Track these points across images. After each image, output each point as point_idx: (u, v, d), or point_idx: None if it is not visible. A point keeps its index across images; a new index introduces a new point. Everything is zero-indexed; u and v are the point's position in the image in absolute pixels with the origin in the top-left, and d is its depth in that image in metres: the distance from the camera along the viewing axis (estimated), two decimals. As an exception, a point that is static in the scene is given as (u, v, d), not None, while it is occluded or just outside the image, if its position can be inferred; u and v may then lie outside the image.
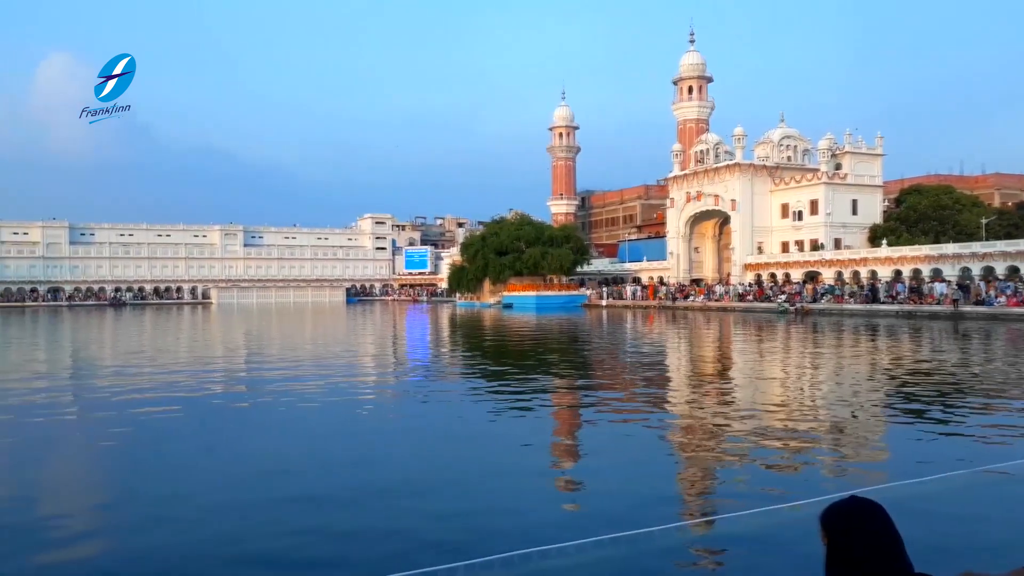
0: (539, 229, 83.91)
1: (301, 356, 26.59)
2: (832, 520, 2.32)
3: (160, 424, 12.95)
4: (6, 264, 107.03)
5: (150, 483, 9.07)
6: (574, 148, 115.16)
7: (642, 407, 14.42)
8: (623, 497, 8.23)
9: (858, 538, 2.25)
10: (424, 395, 16.65)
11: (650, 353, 26.62)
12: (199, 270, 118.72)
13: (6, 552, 6.67)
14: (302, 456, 10.34)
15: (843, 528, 2.28)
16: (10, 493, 8.71)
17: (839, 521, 2.30)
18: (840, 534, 2.28)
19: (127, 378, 19.83)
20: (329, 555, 6.62)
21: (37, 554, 6.66)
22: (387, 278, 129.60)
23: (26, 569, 6.33)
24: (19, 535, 7.14)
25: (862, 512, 2.31)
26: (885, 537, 2.26)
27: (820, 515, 2.36)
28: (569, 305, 70.22)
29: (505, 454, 10.44)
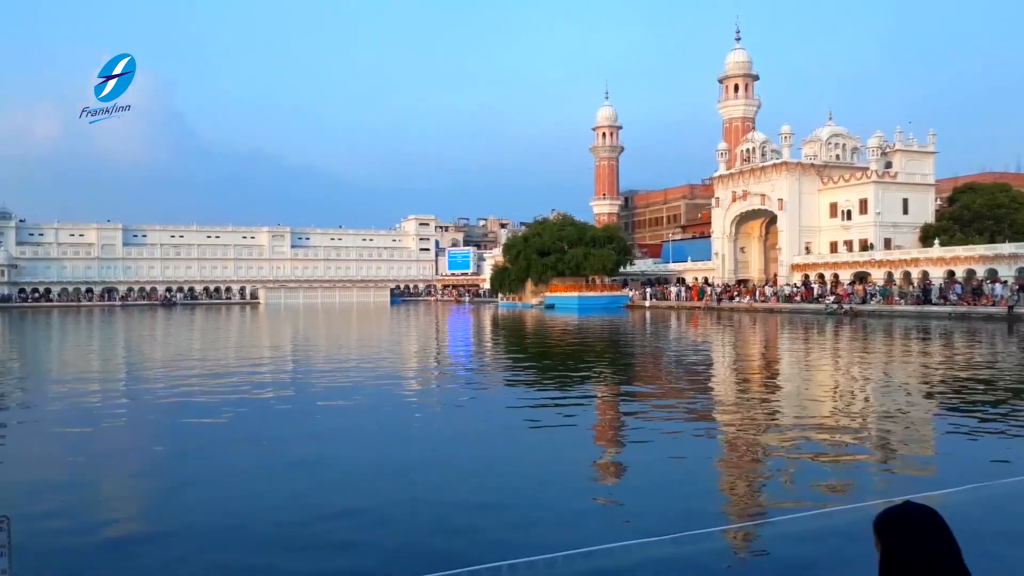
0: (582, 229, 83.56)
1: (347, 356, 26.86)
2: (887, 526, 2.27)
3: (209, 425, 13.16)
4: (63, 265, 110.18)
5: (200, 480, 9.25)
6: (617, 148, 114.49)
7: (688, 409, 14.28)
8: (669, 498, 8.16)
9: (913, 545, 2.19)
10: (467, 396, 16.69)
11: (695, 354, 26.36)
12: (247, 271, 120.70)
13: (65, 542, 6.85)
14: (348, 455, 10.44)
15: (898, 534, 2.23)
16: (65, 486, 8.95)
17: (894, 527, 2.25)
18: (895, 540, 2.22)
19: (179, 377, 20.22)
20: (368, 552, 6.68)
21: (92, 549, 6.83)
22: (430, 279, 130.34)
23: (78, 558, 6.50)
24: (76, 530, 7.32)
25: (918, 518, 2.25)
26: (941, 544, 2.20)
27: (874, 521, 2.31)
28: (612, 306, 69.82)
29: (548, 455, 10.42)
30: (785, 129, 70.85)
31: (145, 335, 41.40)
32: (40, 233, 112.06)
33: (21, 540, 4.66)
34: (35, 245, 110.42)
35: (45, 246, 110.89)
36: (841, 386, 17.86)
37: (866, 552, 2.38)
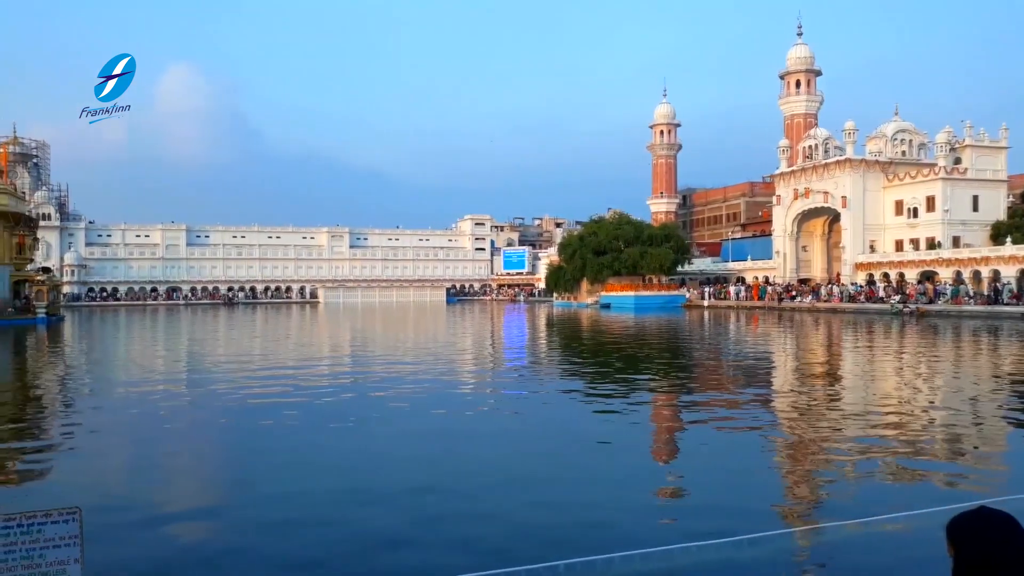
0: (638, 228, 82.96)
1: (404, 353, 27.11)
2: (960, 531, 2.19)
3: (274, 422, 13.41)
4: (129, 265, 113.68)
5: (261, 477, 9.43)
6: (675, 145, 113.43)
7: (748, 410, 14.06)
8: (728, 500, 8.05)
9: (989, 551, 2.11)
10: (522, 395, 16.69)
11: (755, 355, 25.95)
12: (307, 270, 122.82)
13: (128, 536, 7.06)
14: (404, 452, 10.54)
15: (972, 540, 2.15)
16: (130, 479, 9.22)
17: (968, 532, 2.17)
18: (969, 546, 2.14)
19: (245, 374, 20.66)
20: (423, 549, 6.72)
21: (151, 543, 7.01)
22: (486, 278, 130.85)
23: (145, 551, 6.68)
24: (137, 526, 7.53)
25: (993, 523, 2.17)
26: (1018, 551, 2.12)
27: (947, 526, 2.23)
28: (669, 305, 69.17)
29: (605, 455, 10.36)
30: (849, 125, 69.28)
31: (212, 333, 42.42)
32: (108, 234, 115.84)
33: (91, 531, 4.80)
34: (103, 246, 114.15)
35: (112, 247, 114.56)
36: (908, 387, 17.39)
37: (936, 558, 2.30)
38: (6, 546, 4.32)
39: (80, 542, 4.46)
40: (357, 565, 6.49)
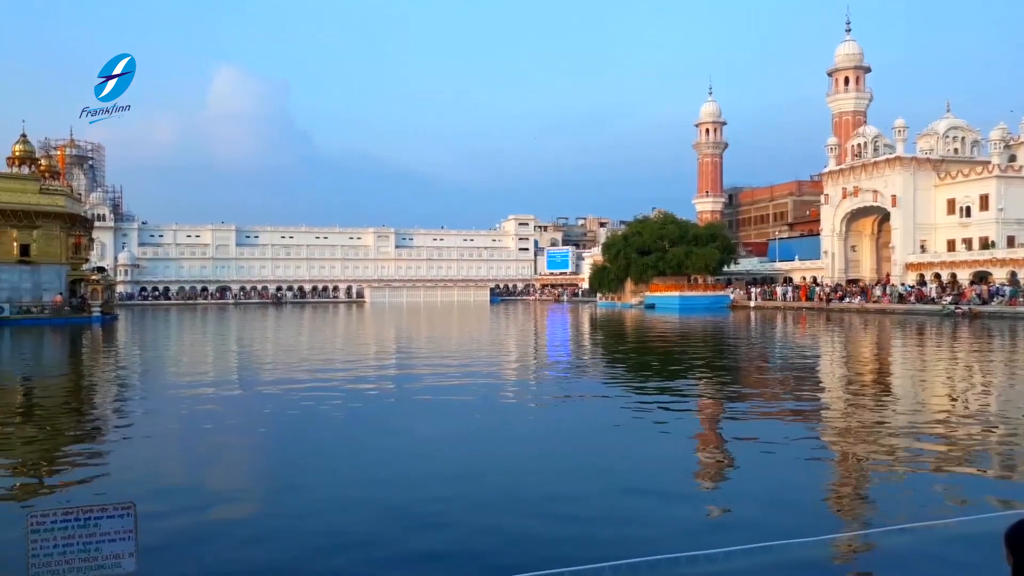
0: (683, 228, 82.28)
1: (448, 352, 27.24)
2: (1020, 539, 2.14)
3: (324, 419, 13.59)
4: (181, 264, 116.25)
5: (311, 473, 9.56)
6: (721, 144, 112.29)
7: (794, 413, 13.87)
8: (772, 504, 7.95)
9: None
10: (566, 395, 16.67)
11: (802, 356, 25.55)
12: (354, 270, 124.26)
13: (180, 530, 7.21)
14: (444, 452, 10.61)
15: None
16: (181, 473, 9.42)
17: (1026, 540, 2.12)
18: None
19: (292, 371, 20.97)
20: (467, 550, 6.75)
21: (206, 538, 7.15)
22: (529, 278, 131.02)
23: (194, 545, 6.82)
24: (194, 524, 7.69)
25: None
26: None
27: (1005, 533, 2.18)
28: (714, 306, 68.44)
29: (648, 456, 10.30)
30: (899, 123, 67.84)
31: (261, 332, 43.09)
32: (160, 234, 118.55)
33: (145, 525, 4.92)
34: (155, 246, 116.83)
35: (164, 247, 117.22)
36: (960, 391, 16.99)
37: (989, 564, 2.25)
38: (65, 539, 4.45)
39: (135, 536, 4.58)
40: (392, 547, 6.56)
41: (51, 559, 4.44)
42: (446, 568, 6.43)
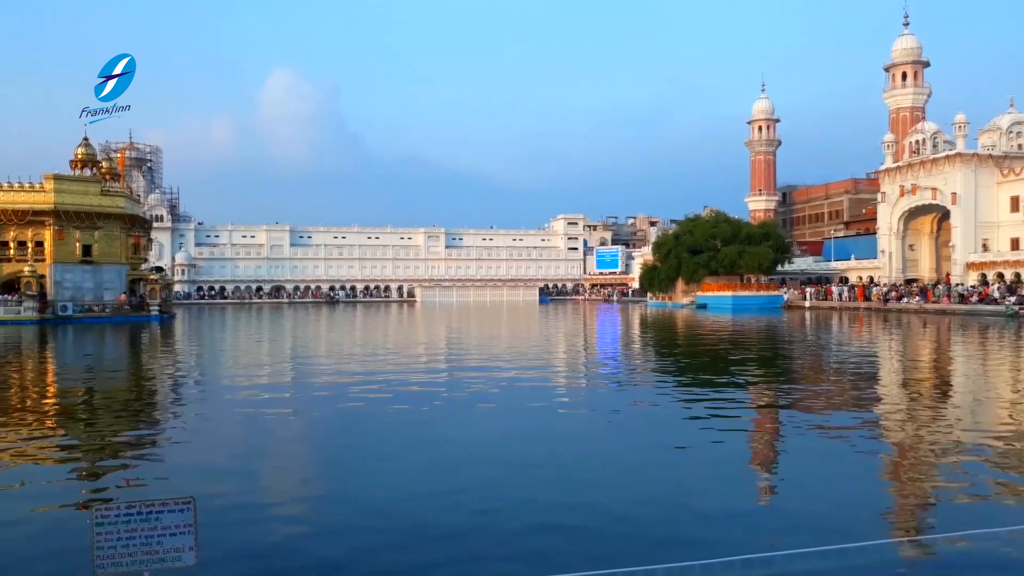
0: (736, 226, 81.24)
1: (498, 351, 27.26)
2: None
3: (377, 416, 13.72)
4: (236, 264, 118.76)
5: (359, 470, 9.66)
6: (774, 142, 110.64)
7: (851, 416, 13.57)
8: (828, 508, 7.81)
9: None
10: (617, 397, 16.57)
11: (859, 358, 25.01)
12: (405, 270, 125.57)
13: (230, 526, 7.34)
14: (493, 451, 10.63)
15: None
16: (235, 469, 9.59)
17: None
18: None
19: (345, 369, 21.21)
20: (522, 551, 6.74)
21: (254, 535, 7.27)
22: (578, 278, 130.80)
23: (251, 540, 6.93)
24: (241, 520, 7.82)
25: None
26: None
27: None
28: (768, 306, 67.40)
29: (701, 459, 10.18)
30: (959, 118, 66.01)
31: (315, 330, 43.70)
32: (216, 235, 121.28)
33: (203, 519, 5.01)
34: (211, 246, 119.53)
35: (220, 247, 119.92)
36: (1020, 397, 16.46)
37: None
38: (128, 532, 4.56)
39: (194, 530, 4.68)
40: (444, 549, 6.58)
41: (114, 551, 4.56)
42: (497, 565, 6.43)
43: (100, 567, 4.53)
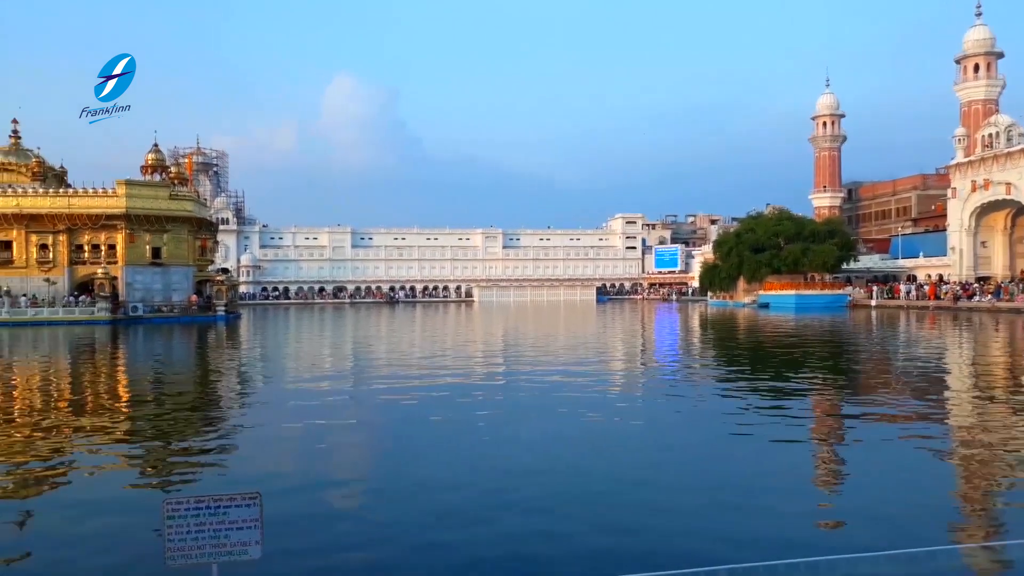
0: (799, 224, 79.67)
1: (555, 352, 27.21)
2: None
3: (438, 414, 13.84)
4: (299, 265, 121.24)
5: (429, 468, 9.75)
6: (839, 137, 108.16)
7: (919, 420, 13.18)
8: (894, 513, 7.60)
9: None
10: (679, 399, 16.39)
11: (929, 359, 24.28)
12: (463, 270, 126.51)
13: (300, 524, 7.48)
14: (551, 450, 10.61)
15: None
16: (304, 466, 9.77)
17: None
18: None
19: (405, 368, 21.44)
20: (573, 553, 6.73)
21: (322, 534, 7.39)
22: (637, 277, 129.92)
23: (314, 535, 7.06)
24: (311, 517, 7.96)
25: None
26: None
27: None
28: (833, 305, 65.89)
29: (763, 463, 10.01)
30: (1035, 110, 63.64)
31: (377, 330, 44.26)
32: (280, 237, 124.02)
33: (269, 514, 5.12)
34: (275, 248, 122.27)
35: (284, 249, 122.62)
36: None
37: None
38: (197, 526, 4.68)
39: (260, 525, 4.78)
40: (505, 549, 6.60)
41: (184, 544, 4.68)
42: (556, 565, 6.43)
43: (171, 558, 4.66)
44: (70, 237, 57.74)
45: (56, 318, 52.37)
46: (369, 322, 53.96)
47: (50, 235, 57.45)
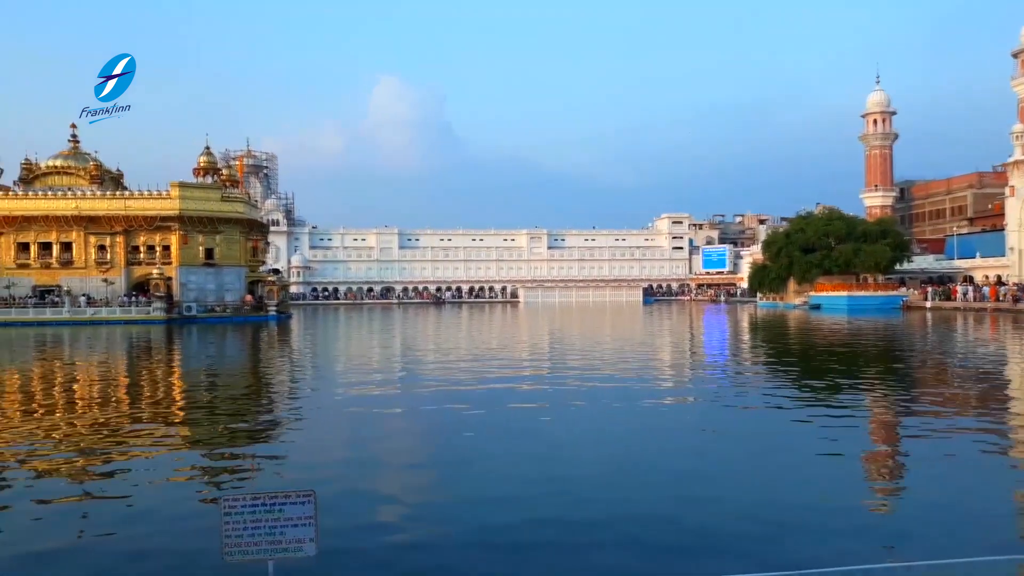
0: (851, 224, 78.19)
1: (601, 354, 27.10)
2: None
3: (476, 416, 13.90)
4: (348, 266, 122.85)
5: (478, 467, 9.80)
6: (891, 135, 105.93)
7: (978, 426, 12.83)
8: (952, 521, 7.42)
9: None
10: (724, 401, 16.20)
11: (988, 364, 23.62)
12: (508, 271, 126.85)
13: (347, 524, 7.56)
14: (597, 454, 10.58)
15: None
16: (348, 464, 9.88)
17: None
18: None
19: (453, 369, 21.55)
20: (626, 554, 6.70)
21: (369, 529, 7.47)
22: (684, 277, 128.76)
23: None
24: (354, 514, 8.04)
25: None
26: None
27: None
28: (886, 307, 64.47)
29: (818, 469, 9.84)
30: (1100, 104, 61.58)
31: (424, 330, 44.56)
32: (329, 238, 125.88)
33: (322, 512, 5.18)
34: (324, 249, 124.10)
35: (333, 250, 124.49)
36: None
37: None
38: (253, 523, 4.77)
39: (315, 523, 4.85)
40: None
41: (241, 540, 4.77)
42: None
43: (228, 554, 4.76)
44: (127, 238, 59.32)
45: (113, 317, 53.82)
46: (417, 322, 54.33)
47: (108, 236, 59.12)
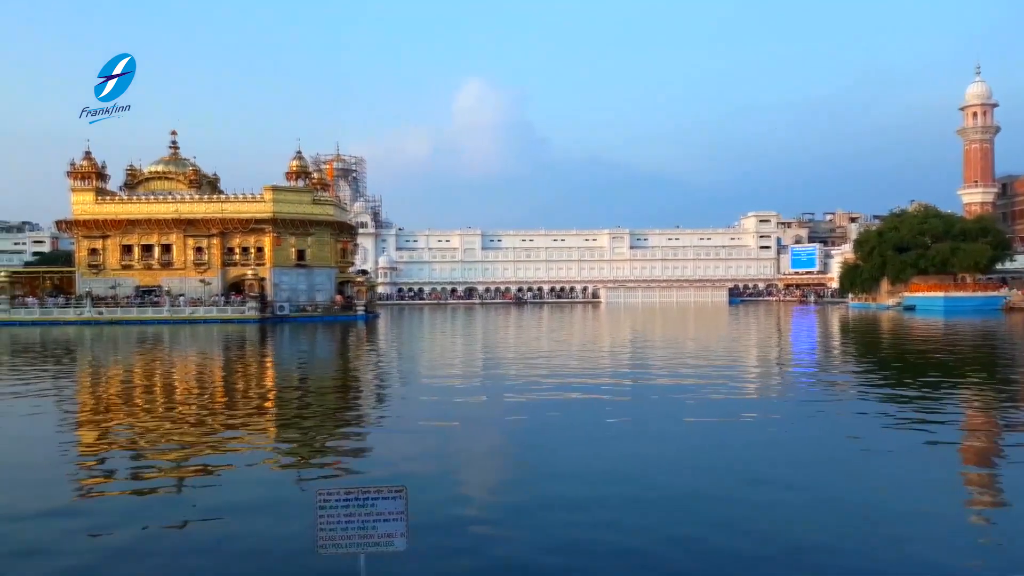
0: (948, 222, 75.19)
1: (685, 358, 26.85)
2: None
3: (558, 418, 14.06)
4: (432, 267, 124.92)
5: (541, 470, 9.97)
6: (991, 128, 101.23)
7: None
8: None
9: None
10: (812, 409, 15.90)
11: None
12: (589, 271, 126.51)
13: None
14: (675, 458, 10.61)
15: None
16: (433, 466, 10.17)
17: None
18: None
19: (534, 369, 21.77)
20: (715, 561, 6.76)
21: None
22: (771, 278, 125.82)
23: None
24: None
25: None
26: None
27: None
28: (985, 308, 61.71)
29: (913, 477, 9.62)
30: None
31: (505, 330, 44.94)
32: (414, 240, 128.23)
33: (410, 509, 5.44)
34: (410, 250, 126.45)
35: (418, 251, 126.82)
36: None
37: None
38: (347, 516, 5.08)
39: (406, 518, 5.12)
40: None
41: (335, 533, 5.08)
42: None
43: (322, 547, 5.06)
44: (222, 240, 61.78)
45: (210, 316, 56.12)
46: (499, 323, 54.77)
47: (205, 238, 61.68)
